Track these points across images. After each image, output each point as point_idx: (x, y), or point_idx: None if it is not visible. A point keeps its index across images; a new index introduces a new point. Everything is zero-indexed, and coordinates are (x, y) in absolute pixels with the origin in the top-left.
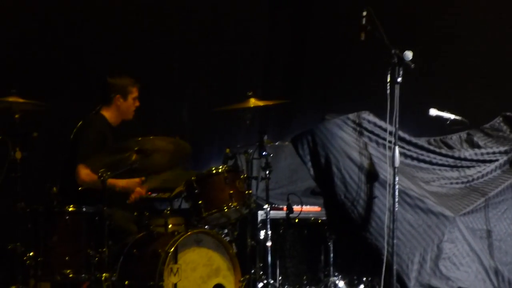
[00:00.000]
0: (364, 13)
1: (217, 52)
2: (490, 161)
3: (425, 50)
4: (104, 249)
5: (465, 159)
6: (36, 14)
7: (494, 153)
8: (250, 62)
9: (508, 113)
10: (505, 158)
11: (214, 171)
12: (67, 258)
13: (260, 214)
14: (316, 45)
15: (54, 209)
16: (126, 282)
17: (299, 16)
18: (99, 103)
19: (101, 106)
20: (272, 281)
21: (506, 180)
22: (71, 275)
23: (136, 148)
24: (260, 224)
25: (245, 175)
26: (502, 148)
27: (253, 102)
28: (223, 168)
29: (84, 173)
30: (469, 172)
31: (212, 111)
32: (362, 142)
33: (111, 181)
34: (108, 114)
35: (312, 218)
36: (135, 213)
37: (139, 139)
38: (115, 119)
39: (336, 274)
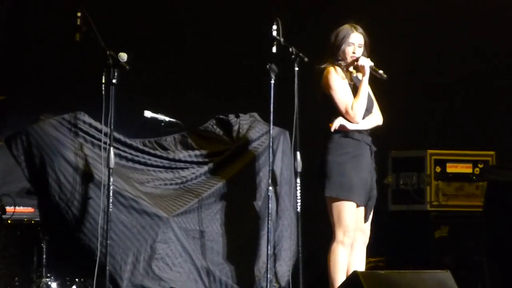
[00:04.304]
0: (79, 14)
1: None
2: (204, 163)
3: (143, 52)
4: None
5: (179, 161)
6: None
7: (207, 155)
8: None
9: (221, 116)
10: (217, 159)
11: None
12: None
13: None
14: (33, 42)
15: None
16: None
17: (16, 11)
18: None
19: None
20: None
21: (218, 182)
22: None
23: None
24: None
25: None
26: (214, 150)
27: None
28: None
29: None
30: (183, 173)
31: None
32: (77, 143)
33: None
34: None
35: (25, 219)
36: None
37: None
38: None
39: (49, 275)
